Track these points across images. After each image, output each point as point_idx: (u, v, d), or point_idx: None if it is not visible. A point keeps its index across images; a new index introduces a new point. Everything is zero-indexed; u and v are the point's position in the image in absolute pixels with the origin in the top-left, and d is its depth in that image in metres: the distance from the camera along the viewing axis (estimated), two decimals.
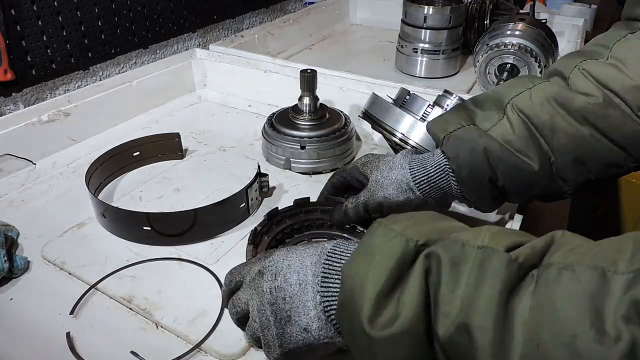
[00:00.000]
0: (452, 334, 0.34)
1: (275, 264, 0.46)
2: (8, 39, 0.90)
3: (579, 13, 1.61)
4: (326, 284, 0.43)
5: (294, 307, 0.44)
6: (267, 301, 0.45)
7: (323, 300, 0.43)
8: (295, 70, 0.98)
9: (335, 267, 0.44)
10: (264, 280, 0.46)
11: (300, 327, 0.44)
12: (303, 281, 0.44)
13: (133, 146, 0.88)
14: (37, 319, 0.60)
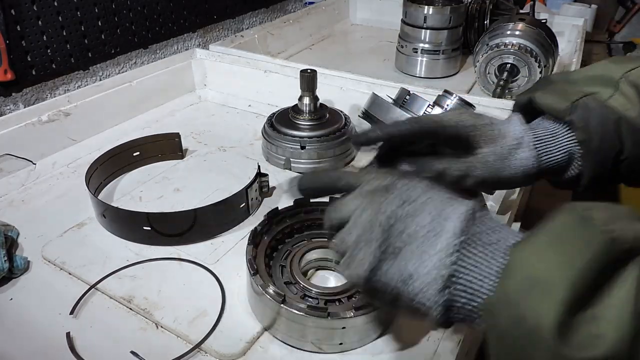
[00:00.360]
0: None
1: (408, 190, 0.40)
2: (8, 39, 0.90)
3: (579, 13, 1.61)
4: (467, 252, 0.36)
5: (407, 249, 0.38)
6: (380, 222, 0.39)
7: (455, 267, 0.36)
8: (295, 70, 0.98)
9: (485, 238, 0.37)
10: (387, 200, 0.40)
11: (401, 273, 0.38)
12: (434, 230, 0.38)
13: (133, 146, 0.88)
14: (37, 319, 0.60)
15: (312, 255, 0.66)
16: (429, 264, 0.37)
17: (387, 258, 0.38)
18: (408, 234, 0.38)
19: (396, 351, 0.57)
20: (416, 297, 0.37)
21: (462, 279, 0.36)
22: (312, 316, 0.53)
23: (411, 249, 0.38)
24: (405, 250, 0.38)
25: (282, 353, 0.56)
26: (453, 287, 0.36)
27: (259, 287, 0.55)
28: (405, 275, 0.38)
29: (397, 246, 0.38)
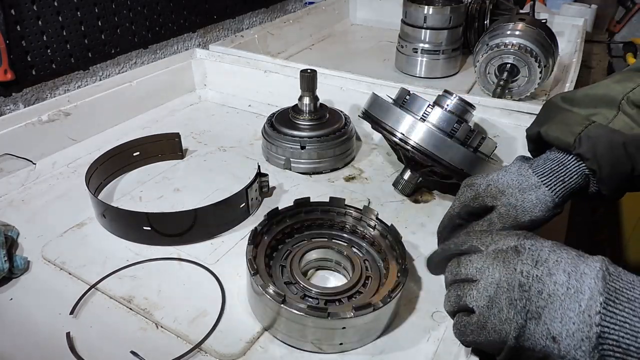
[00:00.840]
0: None
1: (539, 250, 0.41)
2: (8, 39, 0.90)
3: (579, 13, 1.61)
4: (613, 309, 0.37)
5: (550, 308, 0.39)
6: (518, 282, 0.40)
7: (603, 324, 0.37)
8: (295, 70, 0.98)
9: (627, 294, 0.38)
10: (520, 260, 0.41)
11: (548, 333, 0.38)
12: (573, 287, 0.38)
13: (133, 146, 0.88)
14: (37, 319, 0.60)
15: (312, 255, 0.66)
16: (576, 323, 0.37)
17: (532, 318, 0.39)
18: (548, 294, 0.39)
19: (396, 351, 0.57)
20: (567, 356, 0.38)
21: (612, 336, 0.36)
22: (312, 316, 0.53)
23: (554, 308, 0.38)
24: (548, 309, 0.39)
25: (282, 353, 0.56)
26: (603, 346, 0.37)
27: (259, 287, 0.55)
28: (553, 335, 0.38)
29: (539, 305, 0.39)
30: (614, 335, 0.36)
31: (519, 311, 0.39)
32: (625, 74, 0.59)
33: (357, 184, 0.88)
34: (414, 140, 0.73)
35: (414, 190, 0.84)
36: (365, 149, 0.99)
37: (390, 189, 0.85)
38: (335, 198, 0.69)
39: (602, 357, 0.37)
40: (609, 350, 0.37)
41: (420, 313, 0.61)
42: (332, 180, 0.88)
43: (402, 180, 0.82)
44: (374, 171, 0.92)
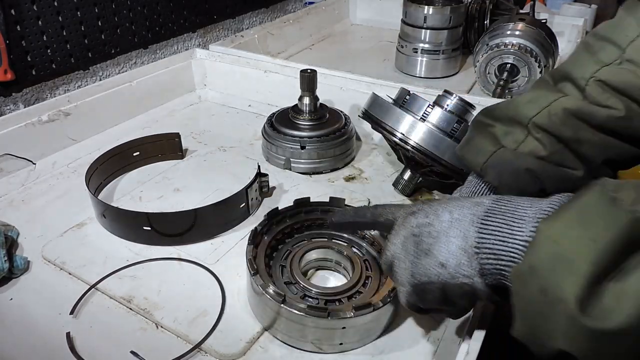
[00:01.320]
0: None
1: (432, 206, 0.46)
2: (8, 39, 0.90)
3: (579, 13, 1.61)
4: (487, 223, 0.41)
5: (437, 242, 0.43)
6: (411, 233, 0.45)
7: (478, 237, 0.41)
8: (295, 70, 0.98)
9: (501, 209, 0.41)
10: (414, 217, 0.46)
11: (437, 261, 0.43)
12: (456, 219, 0.43)
13: (133, 146, 0.88)
14: (37, 319, 0.60)
15: (312, 255, 0.66)
16: (456, 244, 0.42)
17: (422, 256, 0.44)
18: (436, 232, 0.43)
19: (396, 351, 0.57)
20: (457, 275, 0.42)
21: (486, 245, 0.40)
22: (312, 316, 0.53)
23: (439, 241, 0.43)
24: (435, 244, 0.43)
25: (282, 353, 0.56)
26: (480, 254, 0.41)
27: (259, 287, 0.55)
28: (441, 262, 0.42)
29: (429, 243, 0.44)
30: (487, 243, 0.40)
31: (411, 254, 0.44)
32: (537, 91, 0.60)
33: (357, 184, 0.88)
34: (414, 140, 0.73)
35: (414, 190, 0.84)
36: (365, 149, 0.99)
37: (390, 189, 0.85)
38: (335, 198, 0.69)
39: (481, 265, 0.41)
40: (484, 258, 0.40)
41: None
42: (332, 180, 0.88)
43: (402, 180, 0.82)
44: (374, 171, 0.92)
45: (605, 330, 0.31)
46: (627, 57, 0.53)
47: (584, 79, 0.55)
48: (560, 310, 0.33)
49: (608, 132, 0.55)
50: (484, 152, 0.59)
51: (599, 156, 0.56)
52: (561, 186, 0.57)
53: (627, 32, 0.54)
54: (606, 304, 0.32)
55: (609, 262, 0.33)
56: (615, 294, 0.32)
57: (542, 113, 0.56)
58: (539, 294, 0.35)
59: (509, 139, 0.58)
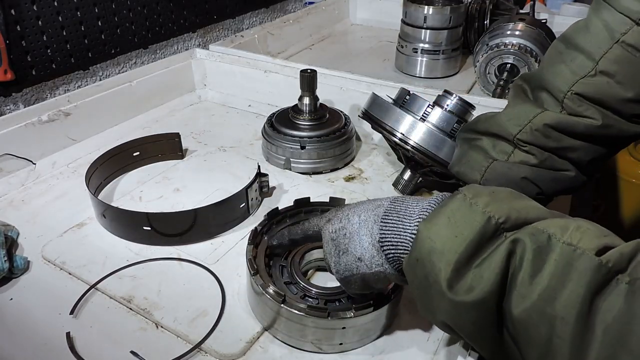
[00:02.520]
0: (529, 316, 0.38)
1: (343, 211, 0.54)
2: (8, 39, 0.90)
3: (579, 13, 1.61)
4: (386, 221, 0.49)
5: (351, 241, 0.51)
6: (330, 238, 0.53)
7: (380, 233, 0.49)
8: (295, 70, 0.98)
9: (396, 209, 0.50)
10: (330, 224, 0.54)
11: (355, 257, 0.51)
12: (363, 220, 0.51)
13: (133, 146, 0.88)
14: (37, 319, 0.60)
15: (312, 255, 0.66)
16: (367, 240, 0.50)
17: (342, 255, 0.52)
18: (350, 233, 0.52)
19: (396, 351, 0.57)
20: (372, 266, 0.50)
21: (387, 238, 0.49)
22: (312, 316, 0.53)
23: (353, 240, 0.51)
24: (350, 243, 0.51)
25: (282, 353, 0.56)
26: (384, 247, 0.49)
27: (259, 287, 0.55)
28: (358, 257, 0.51)
29: (345, 244, 0.52)
30: (387, 237, 0.49)
31: (332, 254, 0.53)
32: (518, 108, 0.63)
33: (357, 184, 0.88)
34: (414, 140, 0.73)
35: (414, 191, 0.84)
36: (365, 149, 0.99)
37: (390, 189, 0.85)
38: (335, 198, 0.69)
39: (386, 255, 0.49)
40: (387, 249, 0.49)
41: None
42: (332, 180, 0.88)
43: (402, 180, 0.82)
44: (374, 171, 0.92)
45: (466, 302, 0.41)
46: (600, 68, 0.57)
47: (562, 92, 0.59)
48: (436, 289, 0.43)
49: (588, 139, 0.59)
50: (479, 168, 0.64)
51: (584, 158, 0.61)
52: (557, 186, 0.63)
53: (597, 40, 0.57)
54: (467, 284, 0.42)
55: (469, 252, 0.42)
56: (474, 277, 0.41)
57: (525, 130, 0.61)
58: (424, 279, 0.44)
59: (497, 150, 0.63)
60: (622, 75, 0.56)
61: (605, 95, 0.57)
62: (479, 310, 0.41)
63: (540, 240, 0.40)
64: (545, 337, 0.37)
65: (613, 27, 0.56)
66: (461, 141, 0.68)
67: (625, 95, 0.56)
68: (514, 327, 0.40)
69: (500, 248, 0.41)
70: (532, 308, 0.38)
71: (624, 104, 0.57)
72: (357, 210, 0.53)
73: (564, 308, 0.36)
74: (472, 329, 0.43)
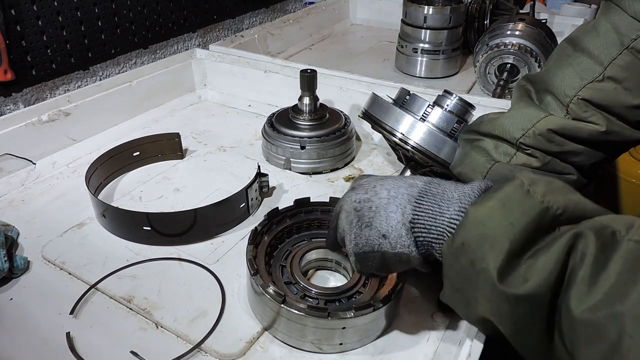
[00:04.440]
0: (594, 314, 0.35)
1: (369, 182, 0.52)
2: (8, 39, 0.90)
3: (579, 13, 1.61)
4: (420, 202, 0.47)
5: (377, 215, 0.49)
6: (353, 207, 0.50)
7: (413, 213, 0.47)
8: (295, 70, 0.98)
9: (432, 191, 0.48)
10: (354, 193, 0.51)
11: (379, 233, 0.48)
12: (393, 196, 0.49)
13: (133, 146, 0.88)
14: (37, 319, 0.60)
15: (312, 255, 0.66)
16: (396, 217, 0.48)
17: (364, 227, 0.49)
18: (375, 206, 0.49)
19: (396, 351, 0.57)
20: (396, 245, 0.48)
21: (420, 220, 0.47)
22: (312, 316, 0.53)
23: (379, 215, 0.49)
24: (376, 217, 0.49)
25: (282, 353, 0.56)
26: (414, 229, 0.47)
27: (259, 287, 0.55)
28: (383, 233, 0.48)
29: (369, 217, 0.49)
30: (421, 219, 0.47)
31: (353, 226, 0.50)
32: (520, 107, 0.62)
33: None
34: (414, 140, 0.73)
35: None
36: (365, 149, 0.99)
37: None
38: (335, 198, 0.69)
39: (416, 237, 0.47)
40: (418, 232, 0.47)
41: (420, 313, 0.61)
42: (332, 180, 0.89)
43: None
44: (374, 171, 0.92)
45: (517, 295, 0.39)
46: (608, 74, 0.56)
47: (568, 97, 0.58)
48: (484, 278, 0.41)
49: (591, 144, 0.59)
50: (481, 170, 0.63)
51: (587, 162, 0.60)
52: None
53: (606, 45, 0.57)
54: (520, 275, 0.39)
55: (524, 240, 0.40)
56: (527, 268, 0.39)
57: (528, 134, 0.60)
58: (468, 265, 0.42)
59: (500, 152, 0.62)
60: (630, 82, 0.55)
61: (612, 102, 0.56)
62: (530, 305, 0.39)
63: (605, 236, 0.37)
64: (614, 337, 0.34)
65: (623, 32, 0.56)
66: (463, 142, 0.68)
67: (633, 102, 0.56)
68: (572, 325, 0.37)
69: (560, 241, 0.39)
70: (597, 306, 0.35)
71: (630, 110, 0.56)
72: (386, 184, 0.50)
73: (635, 307, 0.33)
74: (518, 325, 0.40)
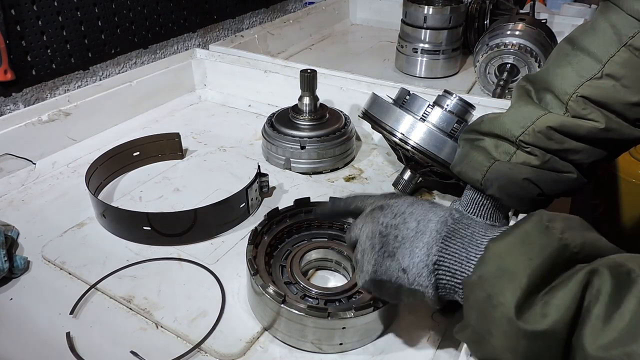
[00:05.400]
0: (608, 353, 0.35)
1: (399, 206, 0.51)
2: (8, 39, 0.90)
3: (579, 13, 1.61)
4: (448, 245, 0.46)
5: (402, 248, 0.48)
6: (379, 231, 0.50)
7: (439, 256, 0.46)
8: (295, 70, 0.98)
9: (461, 233, 0.47)
10: (383, 214, 0.50)
11: (400, 266, 0.48)
12: (421, 230, 0.48)
13: (133, 146, 0.88)
14: (37, 319, 0.60)
15: (312, 255, 0.66)
16: (420, 255, 0.47)
17: (386, 257, 0.48)
18: (402, 237, 0.48)
19: (396, 351, 0.57)
20: (414, 282, 0.47)
21: (445, 263, 0.46)
22: (312, 316, 0.53)
23: (404, 247, 0.48)
24: (400, 249, 0.48)
25: (282, 353, 0.56)
26: (439, 270, 0.46)
27: (259, 287, 0.55)
28: (403, 267, 0.47)
29: (394, 246, 0.48)
30: (446, 262, 0.46)
31: (377, 252, 0.49)
32: (519, 105, 0.62)
33: (357, 184, 0.88)
34: (414, 140, 0.73)
35: (413, 190, 0.84)
36: (365, 149, 0.99)
37: (390, 189, 0.85)
38: (335, 198, 0.69)
39: (438, 279, 0.46)
40: (442, 274, 0.46)
41: (420, 313, 0.61)
42: (332, 180, 0.89)
43: (402, 180, 0.82)
44: (374, 171, 0.92)
45: (535, 331, 0.38)
46: (606, 71, 0.57)
47: (567, 94, 0.59)
48: (501, 312, 0.40)
49: (590, 142, 0.59)
50: (480, 168, 0.63)
51: (586, 160, 0.61)
52: (558, 188, 0.63)
53: (604, 42, 0.57)
54: (537, 311, 0.38)
55: (542, 276, 0.39)
56: (545, 304, 0.38)
57: (527, 131, 0.60)
58: (485, 299, 0.41)
59: (500, 151, 0.62)
60: (628, 79, 0.56)
61: (611, 99, 0.57)
62: (546, 341, 0.38)
63: (620, 274, 0.37)
64: None
65: (621, 30, 0.56)
66: (463, 142, 0.68)
67: (631, 99, 0.56)
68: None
69: (576, 277, 0.38)
70: (611, 345, 0.34)
71: (629, 107, 0.57)
72: (416, 213, 0.50)
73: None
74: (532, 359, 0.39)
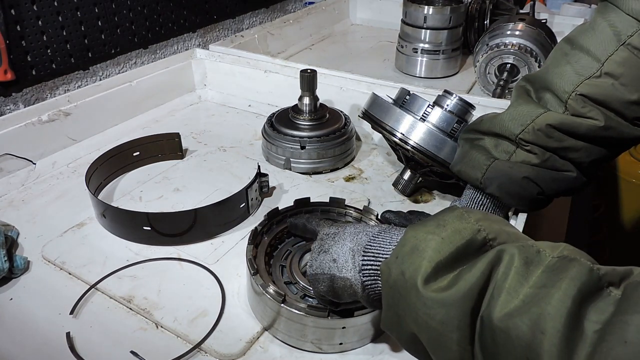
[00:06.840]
0: (511, 319, 0.36)
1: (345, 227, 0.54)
2: (8, 39, 0.90)
3: (579, 13, 1.61)
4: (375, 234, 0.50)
5: (335, 244, 0.51)
6: (320, 238, 0.54)
7: (367, 244, 0.49)
8: (295, 70, 0.98)
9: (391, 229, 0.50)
10: (327, 228, 0.55)
11: (331, 257, 0.51)
12: (355, 231, 0.51)
13: (133, 146, 0.88)
14: (37, 319, 0.60)
15: None
16: (349, 245, 0.50)
17: (320, 253, 0.52)
18: (338, 238, 0.52)
19: (396, 351, 0.57)
20: (342, 269, 0.49)
21: (370, 250, 0.49)
22: (312, 316, 0.53)
23: (337, 243, 0.51)
24: (334, 246, 0.51)
25: (282, 353, 0.56)
26: (365, 256, 0.49)
27: (259, 287, 0.55)
28: (334, 258, 0.50)
29: (329, 245, 0.52)
30: (372, 250, 0.48)
31: (314, 251, 0.52)
32: (521, 108, 0.63)
33: (357, 184, 0.88)
34: (414, 140, 0.73)
35: (413, 190, 0.84)
36: (365, 149, 0.99)
37: (390, 189, 0.85)
38: (335, 198, 0.69)
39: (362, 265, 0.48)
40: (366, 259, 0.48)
41: None
42: (332, 180, 0.88)
43: (402, 180, 0.83)
44: (374, 171, 0.92)
45: (438, 298, 0.40)
46: (605, 70, 0.57)
47: (566, 93, 0.59)
48: (411, 285, 0.42)
49: (590, 140, 0.60)
50: (480, 167, 0.64)
51: (586, 159, 0.61)
52: (558, 187, 0.63)
53: (603, 42, 0.58)
54: (444, 283, 0.40)
55: (452, 255, 0.41)
56: (453, 278, 0.40)
57: (527, 129, 0.61)
58: (399, 276, 0.43)
59: (500, 150, 0.63)
60: (627, 78, 0.56)
61: (610, 97, 0.57)
62: (450, 309, 0.39)
63: (530, 253, 0.38)
64: (528, 336, 0.35)
65: (619, 29, 0.56)
66: (463, 141, 0.68)
67: (630, 97, 0.56)
68: (492, 335, 0.37)
69: (486, 255, 0.40)
70: (516, 310, 0.36)
71: (628, 106, 0.57)
72: (357, 225, 0.53)
73: (552, 307, 0.34)
74: (437, 331, 0.40)
